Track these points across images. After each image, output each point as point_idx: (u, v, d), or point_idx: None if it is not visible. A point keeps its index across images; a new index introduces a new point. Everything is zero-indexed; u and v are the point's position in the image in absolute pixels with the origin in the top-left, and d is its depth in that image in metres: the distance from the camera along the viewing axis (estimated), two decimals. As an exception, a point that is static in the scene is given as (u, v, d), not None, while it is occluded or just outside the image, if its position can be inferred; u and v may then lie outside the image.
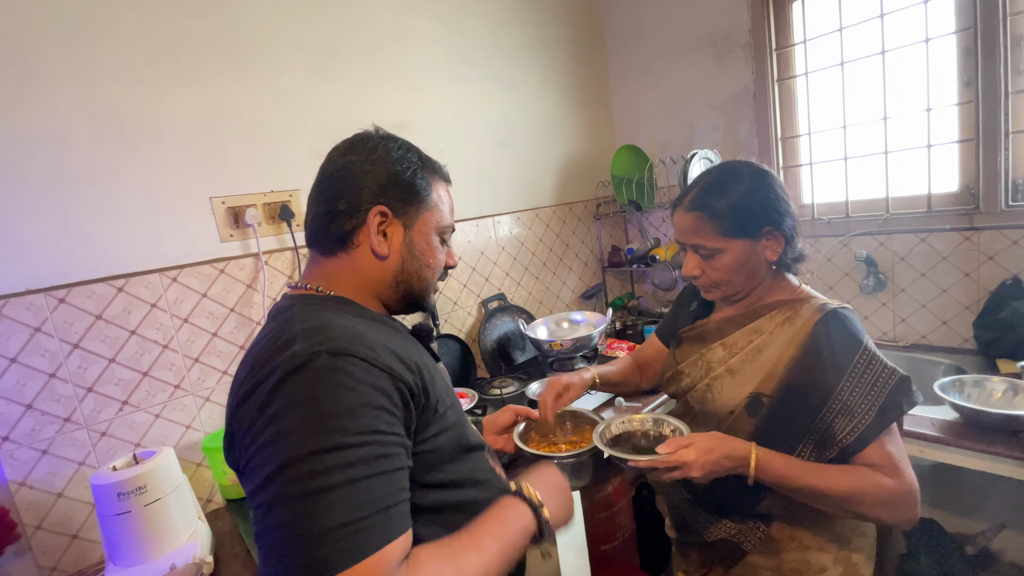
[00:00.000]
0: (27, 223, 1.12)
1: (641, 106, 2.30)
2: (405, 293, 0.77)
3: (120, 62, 1.21)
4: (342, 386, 0.56)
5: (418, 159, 0.76)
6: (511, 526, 0.66)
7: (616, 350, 1.90)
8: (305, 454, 0.52)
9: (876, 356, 0.84)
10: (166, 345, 1.29)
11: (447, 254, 0.81)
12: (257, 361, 0.60)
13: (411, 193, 0.74)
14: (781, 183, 0.94)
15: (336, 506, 0.51)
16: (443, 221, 0.78)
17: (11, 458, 1.09)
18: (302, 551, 0.49)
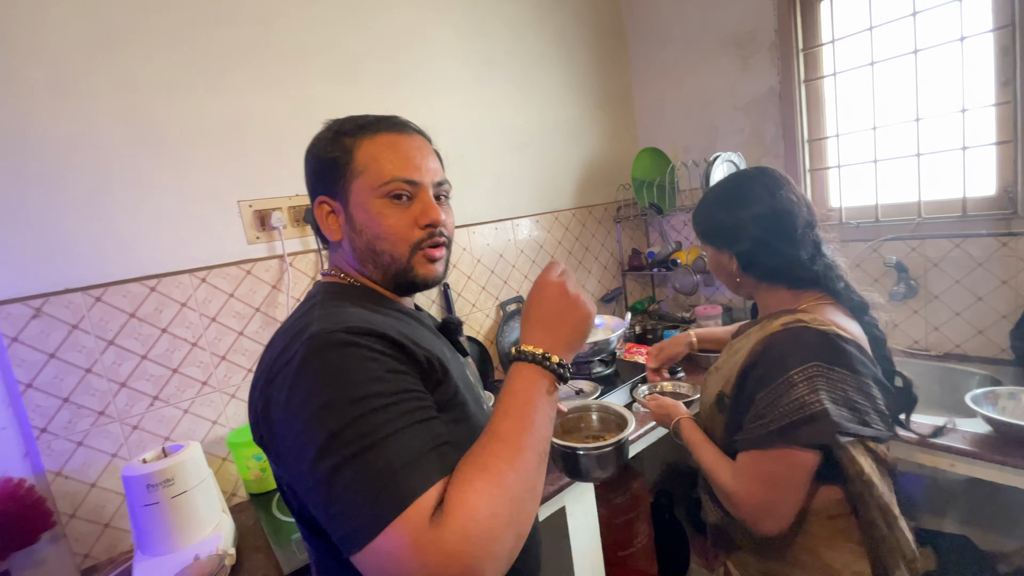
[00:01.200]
0: (68, 225, 1.18)
1: (663, 108, 2.28)
2: (380, 271, 0.72)
3: (154, 71, 1.27)
4: (366, 357, 0.57)
5: (332, 131, 0.71)
6: (522, 394, 0.60)
7: (635, 354, 1.88)
8: (350, 421, 0.53)
9: (798, 385, 0.82)
10: (195, 343, 1.34)
11: (421, 212, 0.70)
12: (282, 342, 0.62)
13: (330, 168, 0.70)
14: (761, 212, 0.92)
15: (383, 459, 0.52)
16: (377, 180, 0.68)
17: (49, 449, 1.15)
18: (360, 511, 0.50)
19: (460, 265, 1.80)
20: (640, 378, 1.62)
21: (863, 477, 0.82)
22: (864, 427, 0.81)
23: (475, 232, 1.84)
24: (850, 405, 0.82)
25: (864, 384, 0.83)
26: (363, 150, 0.69)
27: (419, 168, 0.70)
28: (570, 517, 1.34)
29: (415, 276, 0.71)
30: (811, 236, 0.93)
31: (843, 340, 0.84)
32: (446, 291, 1.74)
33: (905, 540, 0.84)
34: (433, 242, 0.71)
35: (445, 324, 0.83)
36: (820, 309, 0.90)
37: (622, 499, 1.73)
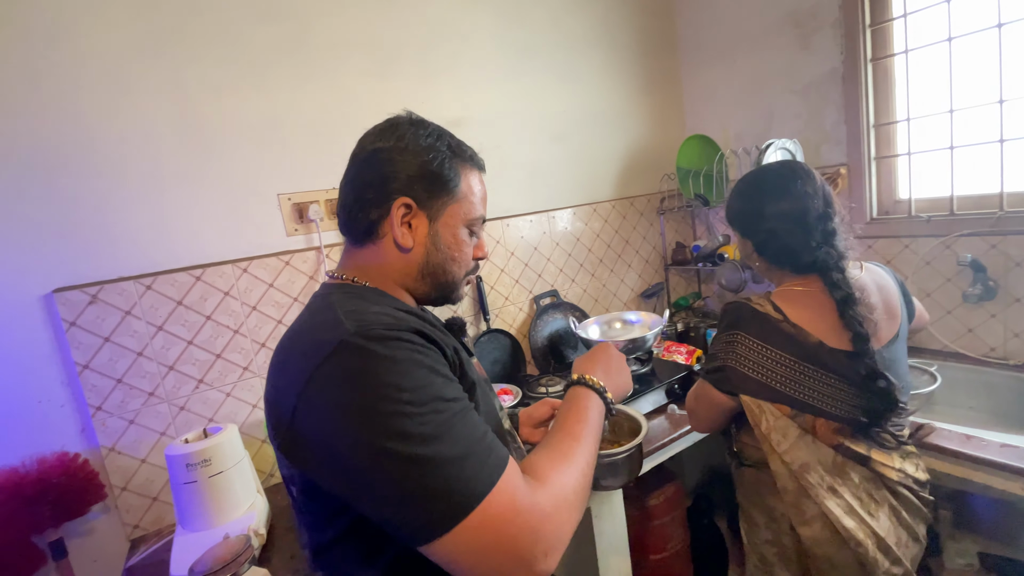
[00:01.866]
0: (121, 217, 1.26)
1: (714, 93, 2.15)
2: (432, 286, 0.75)
3: (200, 70, 1.32)
4: (411, 350, 0.58)
5: (447, 147, 0.73)
6: (590, 411, 0.74)
7: (674, 353, 1.80)
8: (412, 412, 0.53)
9: (720, 342, 1.06)
10: (237, 330, 1.40)
11: (476, 246, 0.79)
12: (308, 344, 0.60)
13: (438, 184, 0.71)
14: (773, 202, 1.03)
15: (459, 441, 0.55)
16: (472, 213, 0.74)
17: (103, 426, 1.23)
18: (444, 493, 0.52)
19: (493, 258, 1.78)
20: (679, 378, 1.55)
21: (761, 429, 0.99)
22: (763, 389, 0.98)
23: (509, 225, 1.82)
24: (758, 370, 0.99)
25: (780, 356, 0.98)
26: (467, 179, 0.74)
27: (485, 210, 0.80)
28: (595, 519, 1.30)
29: (457, 296, 0.80)
30: (823, 227, 1.00)
31: (770, 319, 0.99)
32: (479, 284, 1.73)
33: (808, 505, 0.97)
34: (476, 272, 0.82)
35: (450, 325, 0.85)
36: (788, 294, 1.02)
37: (656, 502, 1.67)
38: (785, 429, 0.98)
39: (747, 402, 1.00)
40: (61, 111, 1.18)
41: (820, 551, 0.97)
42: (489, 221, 1.76)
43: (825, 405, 0.97)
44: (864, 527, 0.95)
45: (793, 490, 0.99)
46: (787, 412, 0.98)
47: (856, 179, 1.76)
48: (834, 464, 0.98)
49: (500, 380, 1.69)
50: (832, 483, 0.97)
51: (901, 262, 1.69)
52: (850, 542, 0.94)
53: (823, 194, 1.02)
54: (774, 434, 0.98)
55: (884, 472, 0.98)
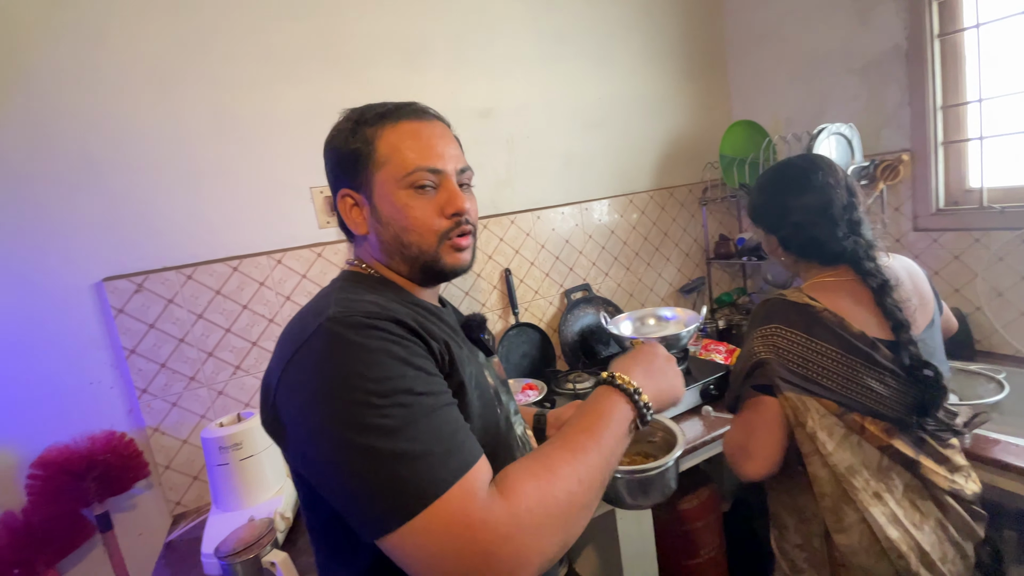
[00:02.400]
0: (163, 210, 1.32)
1: (762, 75, 2.02)
2: (409, 263, 0.70)
3: (235, 67, 1.36)
4: (384, 339, 0.56)
5: (352, 121, 0.69)
6: (607, 418, 0.62)
7: (712, 352, 1.72)
8: (376, 403, 0.52)
9: (755, 340, 0.97)
10: (272, 319, 1.44)
11: (446, 201, 0.68)
12: (299, 326, 0.61)
13: (353, 161, 0.68)
14: (796, 196, 1.00)
15: (420, 438, 0.52)
16: (400, 170, 0.66)
17: (148, 407, 1.31)
18: (394, 490, 0.50)
19: (523, 251, 1.76)
20: (715, 378, 1.48)
21: (806, 428, 0.91)
22: (808, 382, 0.91)
23: (539, 217, 1.78)
24: (802, 363, 0.92)
25: (825, 349, 0.92)
26: (384, 140, 0.67)
27: (442, 156, 0.69)
28: (620, 520, 1.27)
29: (443, 266, 0.70)
30: (848, 217, 0.98)
31: (811, 309, 0.94)
32: (508, 277, 1.71)
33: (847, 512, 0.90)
34: (460, 231, 0.70)
35: (467, 323, 0.80)
36: (822, 286, 0.98)
37: (688, 506, 1.61)
38: (831, 428, 0.92)
39: (791, 399, 0.93)
40: (107, 112, 1.24)
41: (856, 561, 0.91)
42: (519, 213, 1.74)
43: (873, 402, 0.91)
44: (908, 538, 0.89)
45: (833, 495, 0.92)
46: (834, 409, 0.92)
47: (921, 166, 1.61)
48: (879, 468, 0.92)
49: (528, 375, 1.68)
50: (877, 488, 0.91)
51: (971, 257, 1.53)
52: (891, 554, 0.88)
53: (846, 185, 1.00)
54: (820, 433, 0.91)
55: (933, 479, 0.91)
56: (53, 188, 1.21)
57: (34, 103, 1.18)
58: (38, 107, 1.19)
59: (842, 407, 0.92)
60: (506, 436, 0.72)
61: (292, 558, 0.98)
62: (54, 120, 1.20)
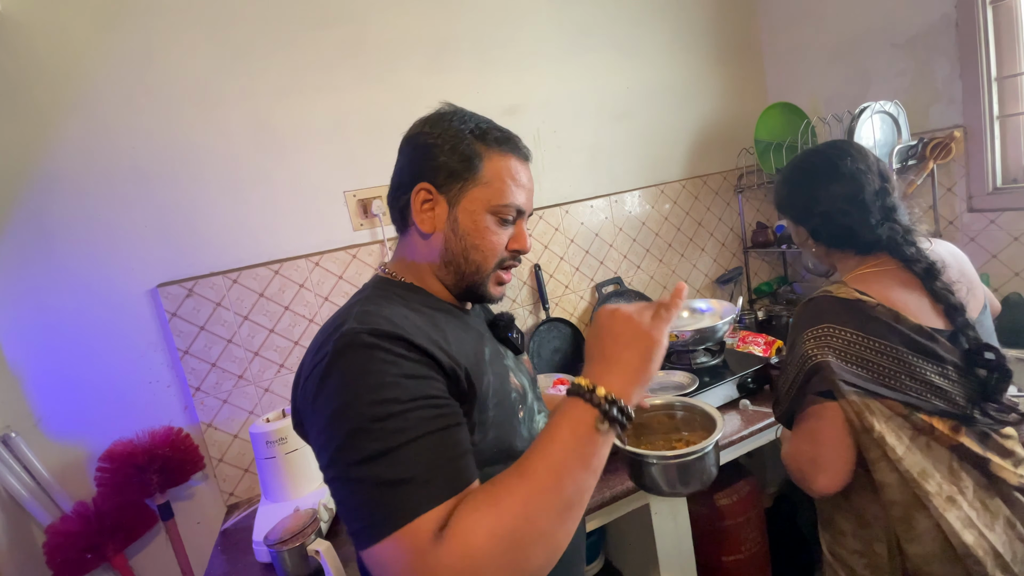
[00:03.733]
0: (208, 218, 1.40)
1: (800, 54, 1.94)
2: (457, 275, 0.73)
3: (270, 79, 1.42)
4: (385, 361, 0.57)
5: (471, 132, 0.71)
6: (556, 431, 0.56)
7: (750, 344, 1.67)
8: (365, 425, 0.54)
9: (808, 342, 0.90)
10: (312, 319, 1.51)
11: (513, 237, 0.74)
12: (322, 337, 0.65)
13: (458, 168, 0.70)
14: (824, 184, 0.96)
15: (396, 466, 0.53)
16: (497, 199, 0.71)
17: (202, 404, 1.40)
18: (369, 513, 0.53)
19: (552, 246, 1.76)
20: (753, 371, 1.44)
21: (873, 434, 0.84)
22: (871, 383, 0.85)
23: (568, 212, 1.78)
24: (862, 363, 0.86)
25: (884, 346, 0.86)
26: (493, 164, 0.71)
27: (528, 200, 0.75)
28: (655, 516, 1.26)
29: (484, 291, 0.75)
30: (881, 203, 0.94)
31: (863, 305, 0.88)
32: (537, 272, 1.72)
33: (920, 519, 0.84)
34: (511, 265, 0.76)
35: (494, 323, 0.82)
36: (865, 277, 0.93)
37: (727, 501, 1.57)
38: (899, 431, 0.86)
39: (854, 403, 0.86)
40: (155, 128, 1.33)
41: (929, 569, 0.86)
42: (547, 208, 1.74)
43: (939, 399, 0.86)
44: (984, 542, 0.83)
45: (904, 502, 0.86)
46: (900, 410, 0.86)
47: (975, 143, 1.51)
48: (951, 469, 0.86)
49: (559, 370, 1.68)
50: (951, 491, 0.85)
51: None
52: (967, 559, 0.82)
53: (878, 170, 0.96)
54: (889, 437, 0.85)
55: (1002, 475, 0.85)
56: (108, 201, 1.31)
57: (89, 122, 1.28)
58: (93, 127, 1.28)
59: (908, 407, 0.85)
60: (523, 440, 0.73)
61: (335, 547, 1.03)
62: (107, 138, 1.29)
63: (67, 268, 1.28)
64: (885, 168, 0.97)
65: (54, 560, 1.16)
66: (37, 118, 1.24)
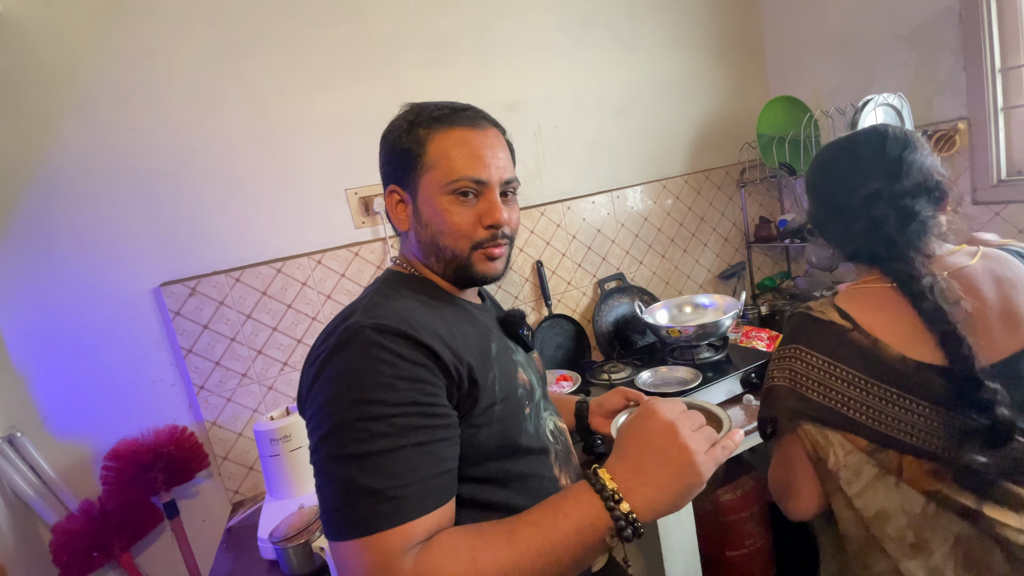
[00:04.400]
0: (210, 217, 1.40)
1: (802, 46, 1.93)
2: (443, 264, 0.73)
3: (270, 76, 1.42)
4: (382, 360, 0.58)
5: (409, 121, 0.71)
6: (563, 520, 0.53)
7: (754, 339, 1.67)
8: (349, 421, 0.55)
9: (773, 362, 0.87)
10: (314, 317, 1.51)
11: (485, 211, 0.70)
12: (331, 327, 0.66)
13: (404, 159, 0.71)
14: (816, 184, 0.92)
15: (373, 472, 0.53)
16: (446, 177, 0.69)
17: (206, 403, 1.40)
18: (338, 510, 0.54)
19: (554, 242, 1.76)
20: (756, 366, 1.44)
21: (827, 464, 0.79)
22: (827, 414, 0.79)
23: (569, 207, 1.77)
24: (823, 391, 0.80)
25: (851, 376, 0.79)
26: (435, 144, 0.70)
27: (488, 167, 0.71)
28: (658, 510, 1.26)
29: (474, 272, 0.73)
30: (878, 208, 0.82)
31: (836, 328, 0.81)
32: (539, 269, 1.72)
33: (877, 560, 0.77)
34: (494, 243, 0.72)
35: (505, 319, 0.82)
36: (860, 292, 0.84)
37: (731, 496, 1.58)
38: (859, 467, 0.78)
39: (809, 432, 0.80)
40: (155, 127, 1.33)
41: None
42: (549, 205, 1.74)
43: (915, 439, 0.75)
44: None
45: (859, 539, 0.80)
46: (863, 446, 0.78)
47: (979, 135, 1.50)
48: (924, 515, 0.76)
49: (562, 366, 1.68)
50: (918, 539, 0.76)
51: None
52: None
53: (889, 170, 0.83)
54: (844, 472, 0.78)
55: (1003, 532, 0.72)
56: (110, 201, 1.30)
57: (89, 123, 1.27)
58: (93, 126, 1.28)
59: (872, 443, 0.77)
60: (529, 436, 0.73)
61: (339, 544, 1.03)
62: (108, 137, 1.29)
63: (70, 268, 1.29)
64: (911, 158, 0.83)
65: (60, 559, 1.17)
66: (37, 118, 1.24)
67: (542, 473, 0.73)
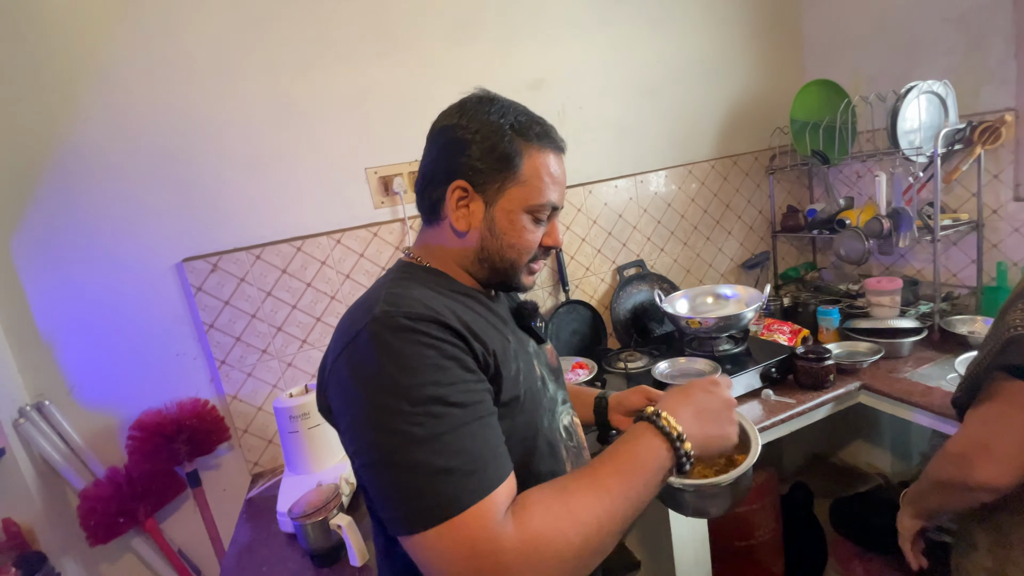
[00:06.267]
0: (231, 194, 1.40)
1: (843, 28, 1.84)
2: (490, 271, 0.72)
3: (291, 51, 1.39)
4: (424, 344, 0.57)
5: (511, 126, 0.68)
6: (641, 463, 0.59)
7: (775, 332, 1.64)
8: (407, 409, 0.54)
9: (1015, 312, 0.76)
10: (333, 296, 1.52)
11: (546, 234, 0.73)
12: (351, 318, 0.64)
13: (496, 166, 0.67)
14: None
15: (445, 453, 0.53)
16: (535, 199, 0.68)
17: (227, 377, 1.42)
18: (415, 499, 0.52)
19: (574, 227, 1.73)
20: (776, 360, 1.42)
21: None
22: None
23: (591, 191, 1.74)
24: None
25: None
26: (532, 161, 0.69)
27: (562, 195, 0.73)
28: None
29: (518, 283, 0.75)
30: None
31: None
32: (558, 254, 1.70)
33: None
34: (542, 257, 0.75)
35: (519, 311, 0.80)
36: None
37: (743, 487, 1.57)
38: None
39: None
40: (177, 103, 1.32)
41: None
42: (570, 188, 1.70)
43: None
44: None
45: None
46: None
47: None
48: None
49: (578, 353, 1.67)
50: None
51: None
52: None
53: None
54: None
55: None
56: (132, 175, 1.31)
57: (112, 98, 1.27)
58: (116, 102, 1.28)
59: None
60: (547, 430, 0.72)
61: (356, 521, 1.05)
62: (132, 113, 1.29)
63: (95, 241, 1.30)
64: None
65: (87, 523, 1.22)
66: (61, 92, 1.24)
67: (554, 469, 0.72)
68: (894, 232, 1.55)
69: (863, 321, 1.58)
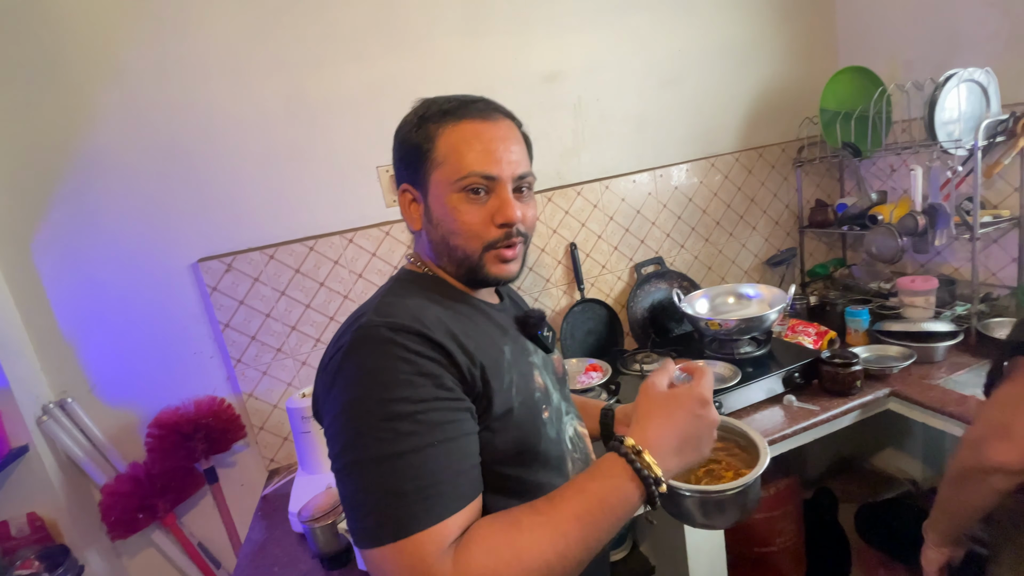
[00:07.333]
0: (245, 194, 1.40)
1: (877, 11, 1.73)
2: (455, 265, 0.71)
3: (303, 49, 1.38)
4: (400, 358, 0.57)
5: (421, 116, 0.68)
6: (608, 509, 0.56)
7: (800, 334, 1.58)
8: (374, 422, 0.54)
9: None
10: (346, 296, 1.51)
11: (497, 210, 0.66)
12: (345, 326, 0.65)
13: (413, 156, 0.68)
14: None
15: (402, 474, 0.52)
16: (455, 174, 0.65)
17: (243, 375, 1.44)
18: (369, 516, 0.53)
19: (589, 223, 1.68)
20: (800, 365, 1.36)
21: None
22: None
23: (608, 187, 1.69)
24: None
25: None
26: (445, 139, 0.67)
27: (499, 161, 0.67)
28: (685, 508, 1.23)
29: (486, 274, 0.70)
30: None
31: None
32: (573, 251, 1.66)
33: None
34: (508, 243, 0.69)
35: (524, 320, 0.78)
36: None
37: (763, 494, 1.53)
38: None
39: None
40: (192, 102, 1.32)
41: None
42: (586, 184, 1.66)
43: None
44: None
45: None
46: None
47: (1082, 116, 1.32)
48: None
49: (593, 353, 1.64)
50: None
51: None
52: None
53: None
54: None
55: None
56: (147, 175, 1.32)
57: (127, 97, 1.28)
58: (131, 101, 1.28)
59: None
60: (550, 442, 0.70)
61: (364, 526, 1.05)
62: (146, 113, 1.30)
63: (112, 241, 1.32)
64: None
65: (109, 517, 1.26)
66: (76, 91, 1.25)
67: (559, 481, 0.70)
68: (930, 229, 1.46)
69: (895, 323, 1.50)
